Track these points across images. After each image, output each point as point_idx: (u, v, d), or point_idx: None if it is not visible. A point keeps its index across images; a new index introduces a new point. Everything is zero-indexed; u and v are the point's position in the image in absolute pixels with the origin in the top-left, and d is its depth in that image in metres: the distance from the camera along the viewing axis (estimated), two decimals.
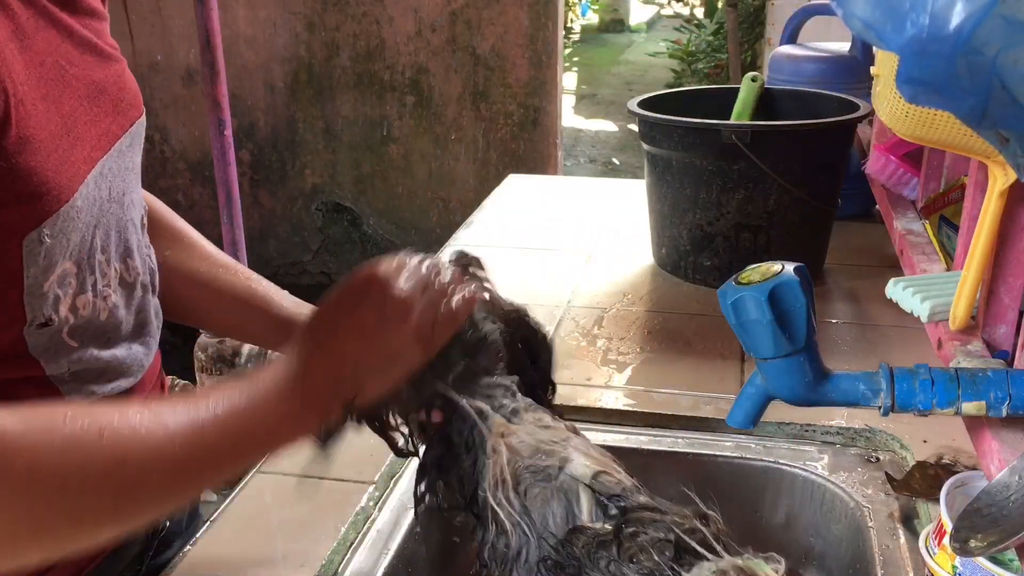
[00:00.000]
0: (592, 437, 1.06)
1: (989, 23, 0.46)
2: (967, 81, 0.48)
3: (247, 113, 3.66)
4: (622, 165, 6.24)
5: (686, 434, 1.06)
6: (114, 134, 0.70)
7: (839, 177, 1.47)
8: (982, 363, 0.73)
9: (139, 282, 0.75)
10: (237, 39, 3.55)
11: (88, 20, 0.70)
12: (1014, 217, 0.74)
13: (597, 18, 12.32)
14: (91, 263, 0.68)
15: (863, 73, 1.67)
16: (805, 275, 0.67)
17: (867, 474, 0.98)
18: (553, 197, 1.98)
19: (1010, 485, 0.62)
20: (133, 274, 0.75)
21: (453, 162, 3.66)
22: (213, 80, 2.41)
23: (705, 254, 1.44)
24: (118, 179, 0.71)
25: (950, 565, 0.75)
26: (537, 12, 3.44)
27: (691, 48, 7.61)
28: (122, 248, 0.73)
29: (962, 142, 0.71)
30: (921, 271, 1.00)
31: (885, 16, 0.49)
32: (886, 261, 1.48)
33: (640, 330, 1.31)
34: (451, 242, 1.68)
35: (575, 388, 1.14)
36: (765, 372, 0.70)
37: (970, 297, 0.77)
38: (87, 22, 0.70)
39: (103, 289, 0.70)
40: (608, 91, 8.47)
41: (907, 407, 0.67)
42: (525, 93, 3.54)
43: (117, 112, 0.71)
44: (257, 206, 3.78)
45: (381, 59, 3.57)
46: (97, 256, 0.69)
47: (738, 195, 1.38)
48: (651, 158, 1.48)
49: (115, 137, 0.70)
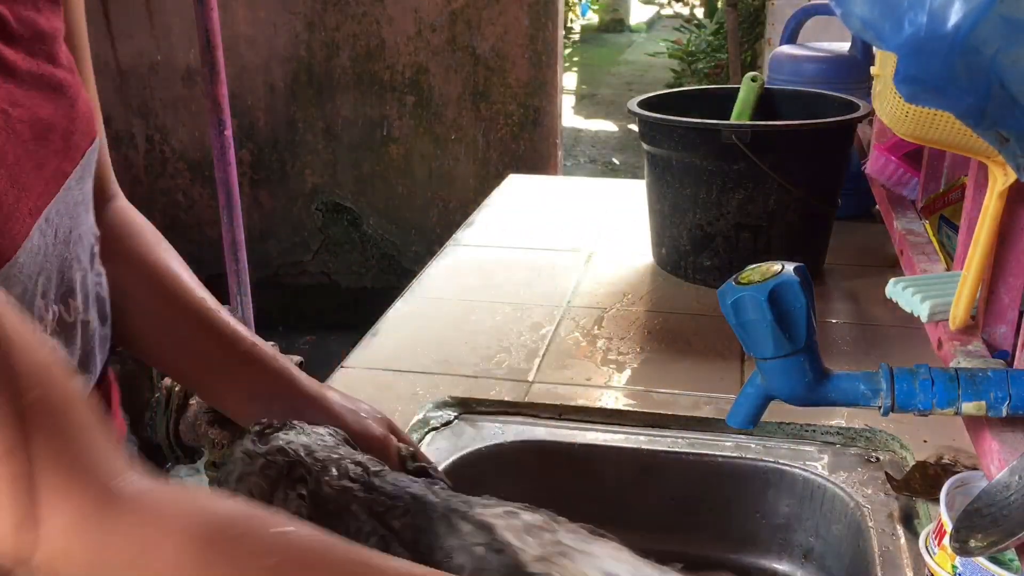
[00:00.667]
0: (592, 437, 1.07)
1: (987, 22, 0.46)
2: (965, 80, 0.48)
3: (247, 113, 3.66)
4: (622, 165, 6.24)
5: (686, 434, 1.06)
6: (64, 172, 0.64)
7: (839, 177, 1.47)
8: (982, 363, 0.73)
9: (79, 320, 0.68)
10: (237, 39, 3.55)
11: (36, 45, 0.63)
12: (1014, 217, 0.74)
13: (597, 18, 12.32)
14: (29, 310, 0.62)
15: (863, 73, 1.67)
16: (805, 275, 0.66)
17: (867, 474, 0.98)
18: (553, 197, 1.98)
19: (1010, 485, 0.62)
20: (74, 314, 0.68)
21: (453, 162, 3.66)
22: (213, 80, 2.41)
23: (705, 254, 1.44)
24: (65, 219, 0.65)
25: (950, 565, 0.75)
26: (537, 12, 3.44)
27: (691, 48, 7.60)
28: (63, 289, 0.66)
29: (962, 142, 0.71)
30: (921, 271, 1.00)
31: (883, 15, 0.49)
32: (886, 261, 1.48)
33: (640, 330, 1.31)
34: (451, 242, 1.68)
35: (575, 388, 1.14)
36: (765, 372, 0.70)
37: (970, 297, 0.77)
38: (36, 47, 0.63)
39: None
40: (608, 91, 8.47)
41: (907, 407, 0.67)
42: (525, 93, 3.54)
43: (67, 147, 0.65)
44: (257, 206, 3.78)
45: (381, 59, 3.57)
46: (36, 302, 0.63)
47: (738, 195, 1.38)
48: (651, 158, 1.48)
49: (64, 176, 0.64)
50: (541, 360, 1.21)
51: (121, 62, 3.67)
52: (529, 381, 1.16)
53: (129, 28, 3.62)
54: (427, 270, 1.55)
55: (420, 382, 1.16)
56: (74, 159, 0.65)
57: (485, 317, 1.35)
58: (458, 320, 1.34)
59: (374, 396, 1.12)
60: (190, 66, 3.61)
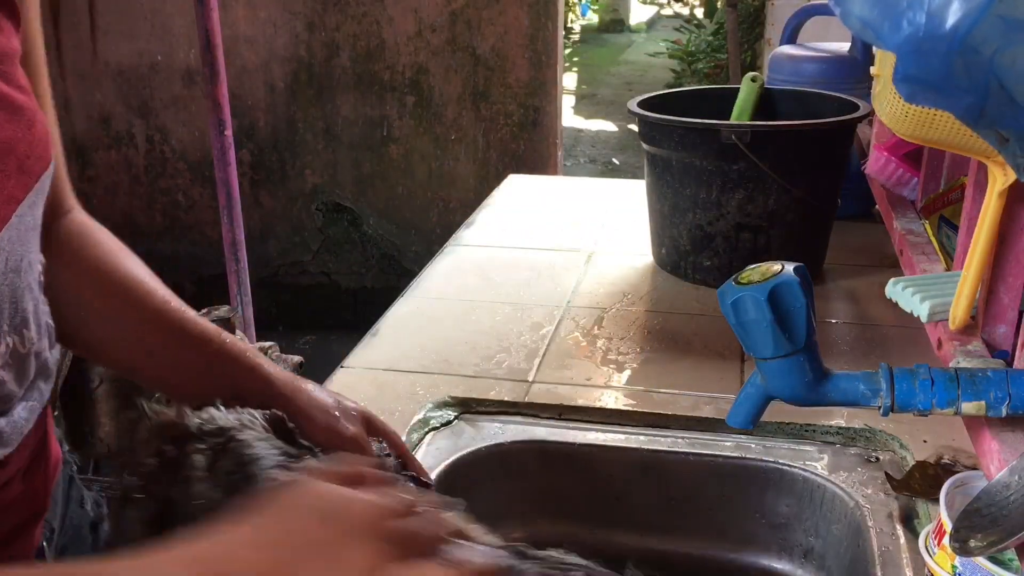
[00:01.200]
0: (592, 437, 1.07)
1: (986, 22, 0.46)
2: (964, 80, 0.48)
3: (247, 113, 3.66)
4: (622, 165, 6.24)
5: (686, 434, 1.06)
6: (16, 199, 0.61)
7: (839, 177, 1.47)
8: (982, 363, 0.73)
9: (33, 352, 0.66)
10: (237, 39, 3.55)
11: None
12: (1014, 217, 0.74)
13: (597, 18, 12.33)
14: None
15: (863, 73, 1.67)
16: (805, 275, 0.67)
17: (867, 474, 0.98)
18: (553, 197, 1.98)
19: (1010, 485, 0.62)
20: (28, 345, 0.66)
21: (453, 162, 3.66)
22: (213, 80, 2.41)
23: (705, 254, 1.44)
24: (17, 246, 0.62)
25: (950, 565, 0.75)
26: (537, 12, 3.45)
27: (691, 48, 7.61)
28: (18, 319, 0.64)
29: (962, 142, 0.71)
30: (921, 271, 1.00)
31: (882, 14, 0.49)
32: (886, 261, 1.48)
33: (640, 330, 1.31)
34: (451, 242, 1.68)
35: (575, 388, 1.14)
36: (765, 372, 0.70)
37: (970, 297, 0.77)
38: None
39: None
40: (608, 91, 8.47)
41: (907, 407, 0.67)
42: (525, 93, 3.54)
43: (22, 172, 0.62)
44: (257, 206, 3.78)
45: (381, 59, 3.57)
46: None
47: (738, 195, 1.38)
48: (651, 158, 1.48)
49: (17, 202, 0.62)
50: (541, 360, 1.21)
51: (121, 62, 3.67)
52: (529, 381, 1.16)
53: (129, 28, 3.62)
54: (427, 270, 1.55)
55: (420, 382, 1.16)
56: (27, 185, 0.63)
57: (485, 317, 1.35)
58: (458, 320, 1.34)
59: (374, 396, 1.12)
60: (190, 66, 3.61)
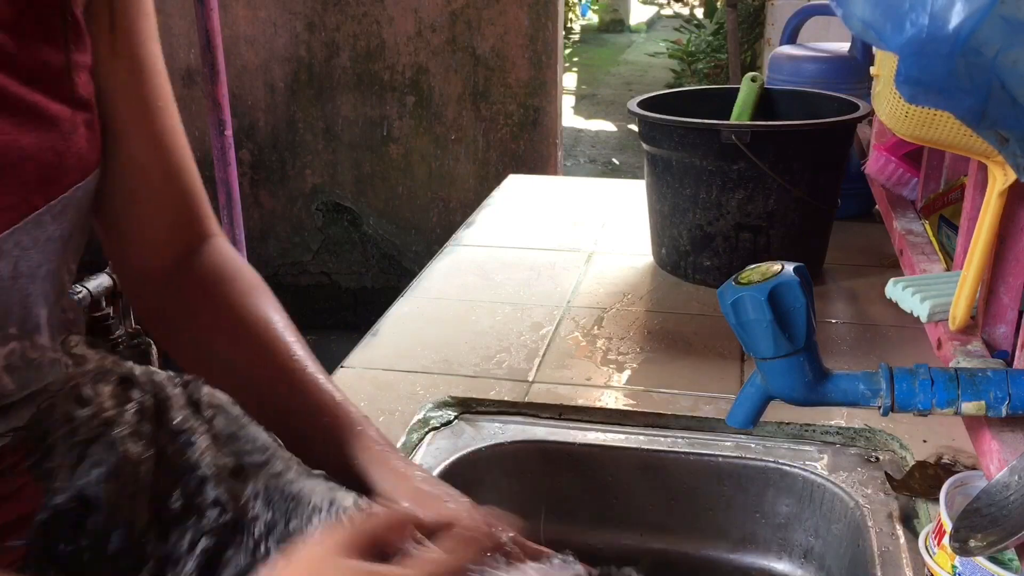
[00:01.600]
0: (592, 437, 1.07)
1: (989, 23, 0.46)
2: (966, 81, 0.48)
3: (247, 113, 3.66)
4: (622, 165, 6.24)
5: (686, 434, 1.06)
6: (31, 205, 0.62)
7: (839, 177, 1.47)
8: (982, 363, 0.73)
9: (48, 358, 0.67)
10: (237, 39, 3.55)
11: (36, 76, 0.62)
12: (1014, 217, 0.74)
13: (597, 18, 12.33)
14: None
15: (863, 73, 1.67)
16: (805, 275, 0.67)
17: (867, 474, 0.98)
18: (553, 197, 1.98)
19: (1010, 485, 0.62)
20: (39, 351, 0.66)
21: (453, 162, 3.66)
22: (213, 80, 2.41)
23: (705, 254, 1.44)
24: (30, 252, 0.63)
25: (950, 565, 0.75)
26: (537, 12, 3.45)
27: (691, 48, 7.61)
28: (29, 325, 0.65)
29: (962, 142, 0.71)
30: (921, 271, 1.00)
31: (884, 16, 0.50)
32: (886, 261, 1.48)
33: (640, 330, 1.31)
34: (451, 242, 1.68)
35: (575, 388, 1.14)
36: (765, 372, 0.70)
37: (970, 297, 0.77)
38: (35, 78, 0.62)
39: None
40: (608, 91, 8.47)
41: (907, 407, 0.67)
42: (525, 93, 3.54)
43: (44, 180, 0.63)
44: (257, 206, 3.78)
45: (381, 59, 3.57)
46: None
47: (738, 195, 1.38)
48: (651, 158, 1.48)
49: (31, 209, 0.62)
50: (541, 360, 1.21)
51: None
52: (529, 381, 1.16)
53: None
54: (427, 270, 1.55)
55: (420, 382, 1.16)
56: (49, 193, 0.63)
57: (485, 317, 1.35)
58: (458, 320, 1.34)
59: (374, 396, 1.12)
60: (190, 66, 3.61)
